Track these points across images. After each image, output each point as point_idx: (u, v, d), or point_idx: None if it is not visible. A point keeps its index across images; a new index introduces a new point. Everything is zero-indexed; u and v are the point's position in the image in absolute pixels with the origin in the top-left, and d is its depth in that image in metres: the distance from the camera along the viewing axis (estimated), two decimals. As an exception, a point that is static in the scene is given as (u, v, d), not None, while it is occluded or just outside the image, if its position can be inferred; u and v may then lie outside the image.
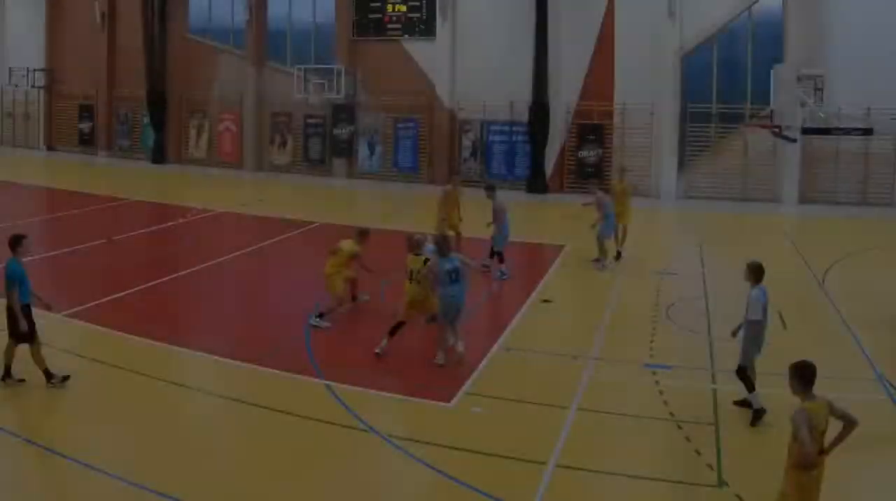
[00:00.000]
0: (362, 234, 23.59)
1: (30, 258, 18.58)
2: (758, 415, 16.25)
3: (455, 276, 19.52)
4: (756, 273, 16.77)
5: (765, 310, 16.71)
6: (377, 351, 19.80)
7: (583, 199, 32.07)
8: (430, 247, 20.74)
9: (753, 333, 16.70)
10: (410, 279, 20.26)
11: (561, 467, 14.22)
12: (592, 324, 22.89)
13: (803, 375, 11.42)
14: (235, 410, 16.87)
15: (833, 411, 11.21)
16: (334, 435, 15.61)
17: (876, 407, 16.78)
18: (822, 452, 11.07)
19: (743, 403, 16.83)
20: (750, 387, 16.45)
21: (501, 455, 14.62)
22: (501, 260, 28.17)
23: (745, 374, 16.52)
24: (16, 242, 17.39)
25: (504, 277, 28.03)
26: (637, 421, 16.54)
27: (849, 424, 11.14)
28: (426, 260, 20.12)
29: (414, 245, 20.55)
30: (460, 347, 19.53)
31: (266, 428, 15.96)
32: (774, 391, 16.21)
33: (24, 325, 17.13)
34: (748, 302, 16.68)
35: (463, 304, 19.90)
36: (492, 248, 28.36)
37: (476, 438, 15.33)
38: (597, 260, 29.13)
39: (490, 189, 29.30)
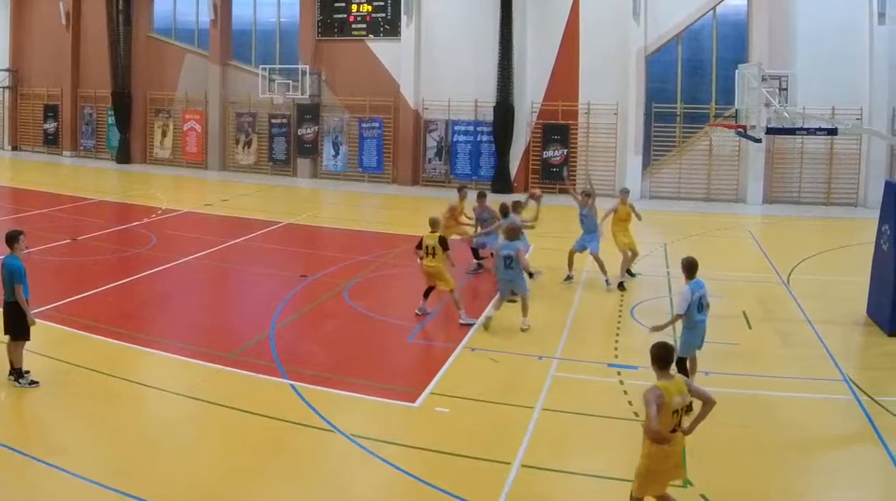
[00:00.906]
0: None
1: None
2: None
3: (509, 263, 21.67)
4: (688, 269, 17.10)
5: (700, 304, 16.85)
6: (417, 311, 22.69)
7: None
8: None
9: (687, 325, 16.97)
10: (426, 254, 22.39)
11: (525, 467, 13.95)
12: (557, 324, 22.40)
13: (659, 356, 11.68)
14: (200, 410, 16.43)
15: (691, 391, 11.63)
16: (299, 435, 15.31)
17: (841, 408, 16.86)
18: (684, 431, 11.59)
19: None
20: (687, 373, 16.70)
21: (466, 454, 14.37)
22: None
23: (683, 365, 16.74)
24: (13, 239, 17.09)
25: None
26: (602, 421, 16.26)
27: (707, 403, 11.57)
28: (441, 238, 22.48)
29: (432, 223, 22.81)
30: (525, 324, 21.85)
31: (231, 428, 15.62)
32: (740, 391, 17.23)
33: (32, 319, 17.02)
34: (678, 296, 17.67)
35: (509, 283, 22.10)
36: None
37: (441, 438, 15.10)
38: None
39: (482, 196, 28.51)
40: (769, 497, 13.34)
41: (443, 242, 22.48)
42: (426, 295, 23.01)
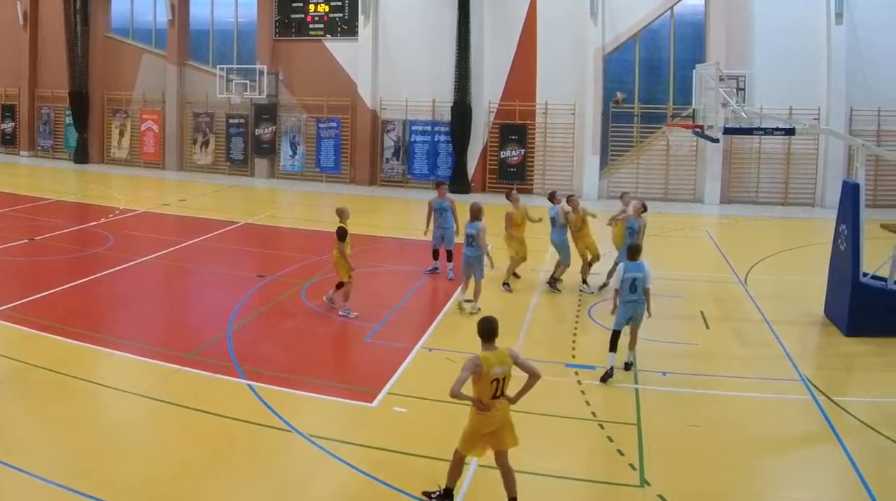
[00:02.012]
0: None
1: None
2: (607, 375, 17.78)
3: (471, 241, 22.93)
4: (631, 251, 18.56)
5: (632, 285, 17.96)
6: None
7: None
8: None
9: (620, 302, 18.15)
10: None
11: (483, 466, 13.53)
12: (515, 325, 21.78)
13: (481, 329, 12.31)
14: (158, 410, 16.05)
15: (517, 363, 12.08)
16: (257, 435, 15.02)
17: (799, 408, 16.77)
18: (510, 399, 12.21)
19: (628, 366, 18.53)
20: (612, 348, 17.96)
21: (424, 454, 14.20)
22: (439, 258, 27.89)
23: (615, 337, 18.05)
24: None
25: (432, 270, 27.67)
26: (559, 421, 16.06)
27: (532, 376, 12.01)
28: (339, 228, 22.20)
29: (337, 213, 22.96)
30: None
31: (188, 428, 15.28)
32: (698, 391, 17.47)
33: None
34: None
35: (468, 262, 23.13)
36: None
37: (398, 438, 14.93)
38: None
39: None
40: (727, 498, 13.24)
41: (338, 232, 22.20)
42: (338, 286, 22.95)
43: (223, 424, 15.32)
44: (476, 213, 23.23)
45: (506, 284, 25.46)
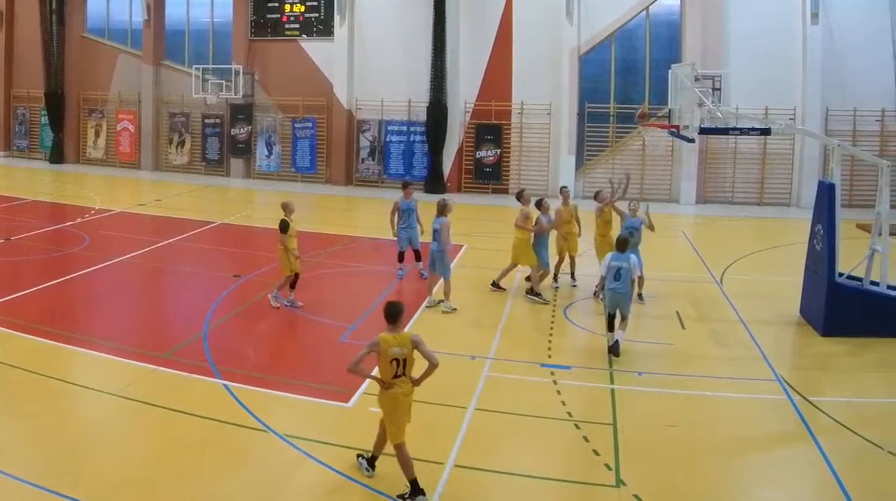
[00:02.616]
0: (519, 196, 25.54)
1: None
2: (613, 351, 18.92)
3: (435, 236, 22.87)
4: (619, 244, 19.58)
5: (617, 274, 19.00)
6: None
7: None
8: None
9: (606, 287, 19.18)
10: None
11: (459, 467, 13.71)
12: (490, 325, 21.88)
13: (386, 312, 13.01)
14: (133, 410, 15.88)
15: (418, 348, 12.74)
16: (232, 435, 14.88)
17: (775, 408, 16.67)
18: (414, 381, 12.87)
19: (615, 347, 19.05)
20: (609, 328, 19.20)
21: None
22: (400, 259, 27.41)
23: (611, 320, 19.19)
24: None
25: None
26: (535, 421, 15.90)
27: (430, 365, 12.59)
28: (281, 221, 22.68)
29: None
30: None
31: (164, 428, 15.12)
32: (674, 391, 17.35)
33: None
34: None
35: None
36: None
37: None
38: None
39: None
40: (703, 497, 13.16)
41: (280, 225, 22.58)
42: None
43: (199, 424, 15.19)
44: (442, 209, 23.20)
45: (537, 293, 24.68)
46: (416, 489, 12.43)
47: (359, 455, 13.48)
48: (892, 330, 20.80)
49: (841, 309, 21.01)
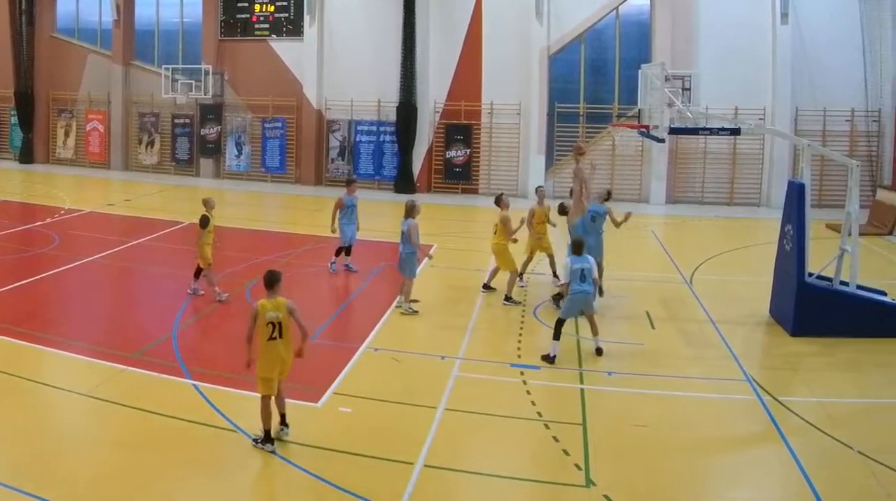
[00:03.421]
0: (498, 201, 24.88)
1: None
2: (548, 360, 18.46)
3: (405, 238, 22.52)
4: (575, 246, 19.17)
5: (581, 276, 18.53)
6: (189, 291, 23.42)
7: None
8: None
9: (569, 292, 18.63)
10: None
11: (428, 467, 13.56)
12: (460, 325, 21.66)
13: (265, 281, 14.37)
14: (103, 410, 15.68)
15: (292, 316, 14.10)
16: (202, 435, 14.69)
17: (745, 408, 16.53)
18: (297, 353, 14.21)
19: (599, 351, 19.03)
20: (556, 336, 18.59)
21: (369, 455, 13.94)
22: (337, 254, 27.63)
23: (560, 325, 18.67)
24: None
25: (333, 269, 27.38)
26: (505, 421, 15.72)
27: (303, 334, 14.24)
28: (202, 216, 23.31)
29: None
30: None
31: (134, 428, 14.88)
32: (644, 391, 17.20)
33: None
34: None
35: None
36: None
37: (344, 438, 14.63)
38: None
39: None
40: (673, 497, 13.01)
41: (201, 220, 23.17)
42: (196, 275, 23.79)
43: (168, 424, 15.00)
44: (410, 211, 22.82)
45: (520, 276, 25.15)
46: (268, 437, 13.76)
47: (255, 439, 13.97)
48: (861, 330, 20.59)
49: (811, 309, 20.82)
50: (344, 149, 49.78)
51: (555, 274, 25.34)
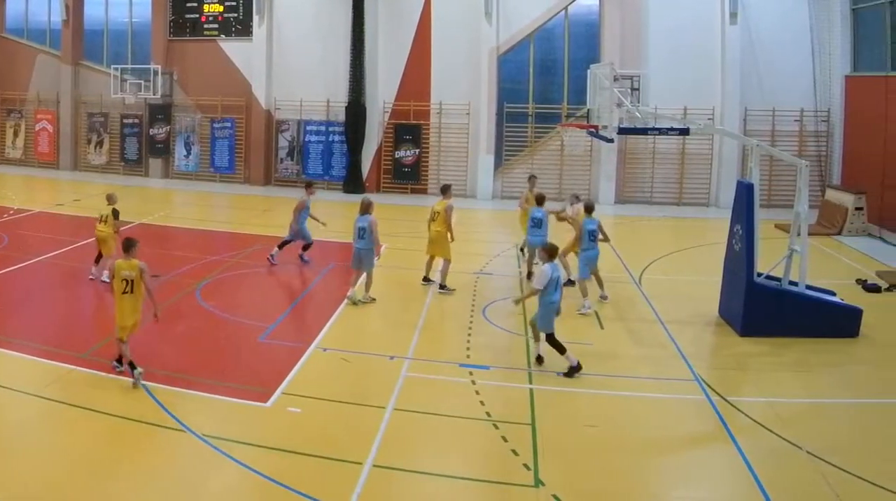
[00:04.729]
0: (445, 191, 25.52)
1: None
2: (574, 370, 17.66)
3: (362, 234, 22.92)
4: (549, 253, 18.09)
5: (557, 283, 17.82)
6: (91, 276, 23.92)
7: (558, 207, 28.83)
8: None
9: (543, 303, 17.81)
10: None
11: (377, 467, 13.48)
12: (409, 324, 21.50)
13: (122, 245, 16.40)
14: (52, 410, 15.50)
15: (142, 274, 16.27)
16: (151, 436, 14.54)
17: (693, 408, 16.45)
18: (156, 315, 16.72)
19: (540, 359, 18.35)
20: (561, 350, 17.74)
21: (318, 454, 13.86)
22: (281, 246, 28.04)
23: (553, 340, 17.82)
24: None
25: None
26: (453, 421, 15.68)
27: (150, 296, 16.49)
28: (113, 209, 24.16)
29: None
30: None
31: (83, 429, 14.68)
32: (593, 391, 17.13)
33: None
34: (537, 274, 18.48)
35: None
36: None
37: (293, 438, 14.55)
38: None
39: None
40: (622, 497, 12.93)
41: (114, 213, 24.31)
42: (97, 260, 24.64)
43: (118, 424, 14.81)
44: (367, 207, 23.20)
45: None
46: (132, 365, 16.36)
47: (118, 361, 16.52)
48: (810, 329, 20.56)
49: (759, 309, 20.77)
50: (293, 149, 48.44)
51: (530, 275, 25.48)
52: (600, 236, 23.73)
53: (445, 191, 25.35)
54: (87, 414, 15.16)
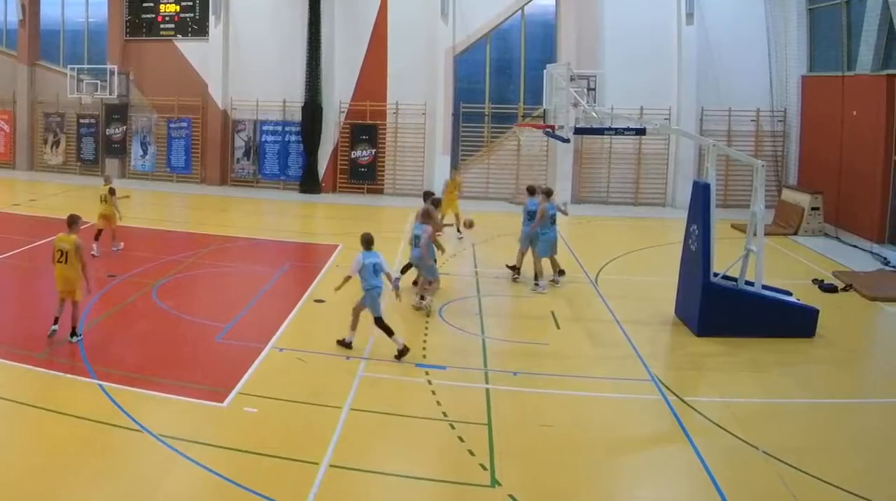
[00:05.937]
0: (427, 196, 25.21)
1: None
2: (402, 353, 18.18)
3: (416, 242, 22.46)
4: (365, 242, 18.75)
5: (374, 270, 18.32)
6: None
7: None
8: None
9: (365, 288, 18.50)
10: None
11: (334, 467, 13.29)
12: (365, 325, 20.16)
13: (67, 221, 18.43)
14: (7, 410, 15.14)
15: (77, 249, 18.33)
16: (107, 435, 14.19)
17: (650, 408, 16.32)
18: (87, 288, 18.67)
19: (402, 352, 18.29)
20: (389, 333, 18.29)
21: (275, 454, 13.61)
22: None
23: (381, 323, 18.42)
24: None
25: None
26: (410, 422, 15.58)
27: (84, 269, 18.57)
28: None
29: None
30: None
31: (38, 428, 14.47)
32: (549, 391, 16.98)
33: None
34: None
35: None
36: None
37: (249, 438, 14.28)
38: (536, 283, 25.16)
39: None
40: (579, 497, 12.82)
41: (111, 191, 25.18)
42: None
43: (74, 424, 14.51)
44: (426, 215, 22.76)
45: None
46: (73, 333, 18.31)
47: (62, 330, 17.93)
48: (766, 330, 20.44)
49: (716, 309, 20.55)
50: (249, 149, 47.07)
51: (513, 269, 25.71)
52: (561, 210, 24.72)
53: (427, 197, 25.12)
54: (43, 415, 14.86)
